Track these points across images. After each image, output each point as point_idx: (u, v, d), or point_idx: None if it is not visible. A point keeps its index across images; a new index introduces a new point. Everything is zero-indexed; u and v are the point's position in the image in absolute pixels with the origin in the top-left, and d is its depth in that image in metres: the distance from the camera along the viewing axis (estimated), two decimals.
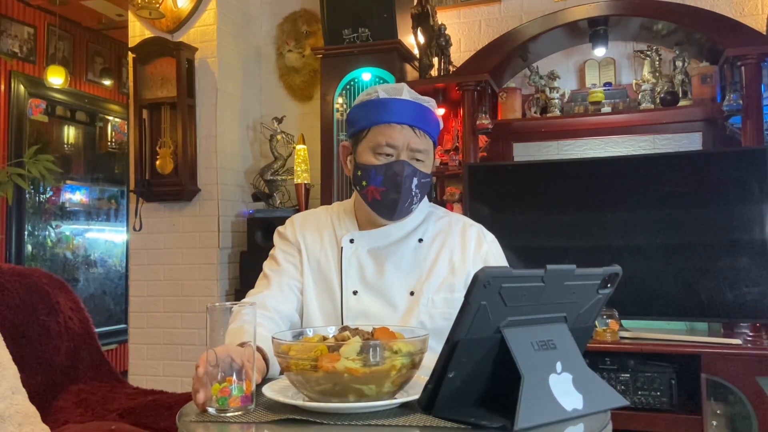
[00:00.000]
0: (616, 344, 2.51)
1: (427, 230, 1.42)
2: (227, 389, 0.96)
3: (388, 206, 1.33)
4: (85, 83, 5.32)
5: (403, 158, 1.31)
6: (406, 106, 1.32)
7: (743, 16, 2.98)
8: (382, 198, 1.32)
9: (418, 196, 1.35)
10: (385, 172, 1.31)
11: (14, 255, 4.60)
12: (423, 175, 1.34)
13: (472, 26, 3.44)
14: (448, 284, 1.35)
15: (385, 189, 1.31)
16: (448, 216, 1.47)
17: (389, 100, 1.32)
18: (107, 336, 4.87)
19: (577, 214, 2.77)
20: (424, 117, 1.33)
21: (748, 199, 2.53)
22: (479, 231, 1.44)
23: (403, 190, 1.31)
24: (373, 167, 1.32)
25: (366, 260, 1.38)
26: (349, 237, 1.39)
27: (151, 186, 3.44)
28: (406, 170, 1.30)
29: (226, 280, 3.48)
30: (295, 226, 1.46)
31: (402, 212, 1.35)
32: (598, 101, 3.00)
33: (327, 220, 1.46)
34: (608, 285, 1.01)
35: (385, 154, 1.31)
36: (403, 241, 1.40)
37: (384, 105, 1.32)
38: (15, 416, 1.30)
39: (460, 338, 0.87)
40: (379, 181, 1.31)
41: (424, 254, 1.39)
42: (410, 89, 1.36)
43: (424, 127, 1.33)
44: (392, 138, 1.30)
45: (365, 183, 1.34)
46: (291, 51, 3.71)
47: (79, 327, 2.08)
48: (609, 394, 0.97)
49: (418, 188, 1.33)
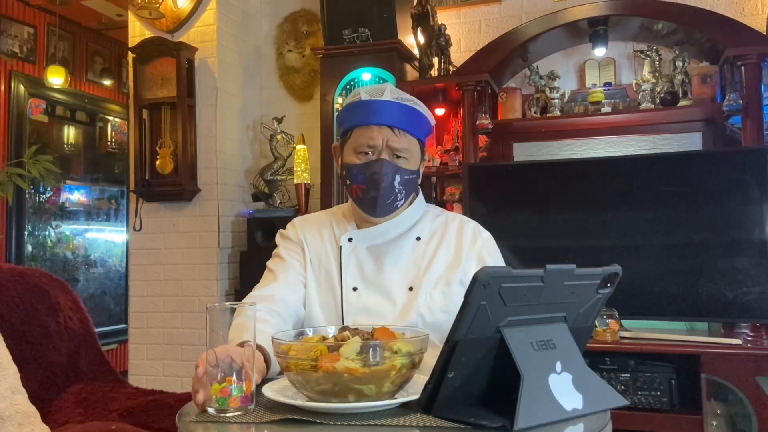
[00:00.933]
0: (616, 344, 2.51)
1: (425, 229, 1.46)
2: (227, 389, 0.96)
3: (369, 203, 1.38)
4: (85, 83, 5.32)
5: (384, 157, 1.35)
6: (387, 107, 1.36)
7: (743, 16, 2.98)
8: (364, 195, 1.38)
9: (403, 192, 1.39)
10: (365, 170, 1.36)
11: (14, 255, 4.60)
12: (407, 172, 1.38)
13: (472, 26, 3.44)
14: (446, 279, 1.38)
15: (366, 187, 1.37)
16: (444, 214, 1.51)
17: (370, 102, 1.36)
18: (107, 336, 4.87)
19: (577, 214, 2.77)
20: (406, 116, 1.37)
21: (748, 199, 2.53)
22: (474, 227, 1.48)
23: (382, 188, 1.35)
24: (354, 167, 1.38)
25: (365, 257, 1.42)
26: (348, 236, 1.44)
27: (151, 186, 3.44)
28: (384, 168, 1.35)
29: (226, 280, 3.48)
30: (296, 227, 1.51)
31: (385, 208, 1.39)
32: (598, 101, 3.00)
33: (327, 221, 1.51)
34: (608, 285, 1.01)
35: (364, 153, 1.37)
36: (401, 239, 1.43)
37: (364, 107, 1.37)
38: (15, 416, 1.30)
39: (460, 338, 0.87)
40: (360, 180, 1.37)
41: (421, 252, 1.42)
42: (394, 89, 1.40)
43: (405, 127, 1.37)
44: (371, 138, 1.35)
45: (349, 182, 1.40)
46: (291, 51, 3.71)
47: (79, 327, 2.08)
48: (609, 394, 0.97)
49: (401, 185, 1.38)
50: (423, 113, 1.41)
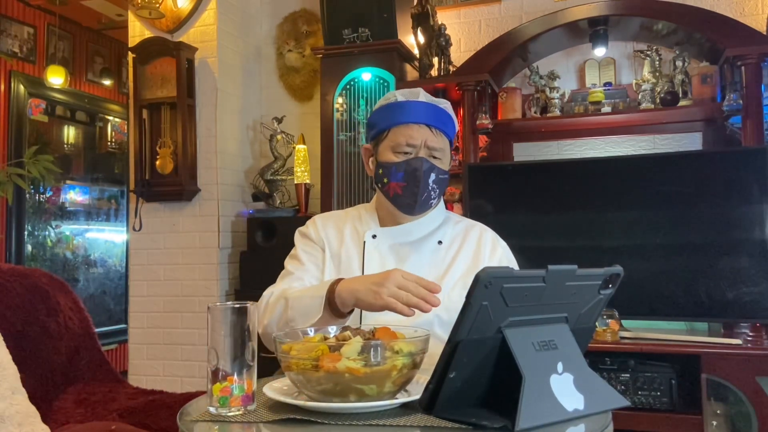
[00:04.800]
0: (616, 344, 2.51)
1: (446, 233, 1.49)
2: (228, 389, 0.96)
3: (408, 200, 1.41)
4: (85, 83, 5.31)
5: (422, 155, 1.39)
6: (423, 108, 1.41)
7: (743, 16, 2.98)
8: (403, 192, 1.41)
9: (436, 191, 1.43)
10: (405, 168, 1.40)
11: (14, 255, 4.60)
12: (440, 171, 1.43)
13: (472, 26, 3.44)
14: (464, 282, 1.40)
15: (406, 184, 1.40)
16: (464, 221, 1.55)
17: (407, 103, 1.42)
18: (107, 336, 4.87)
19: (578, 214, 2.77)
20: (440, 117, 1.42)
21: (748, 199, 2.53)
22: (493, 236, 1.52)
23: (421, 185, 1.39)
24: (393, 164, 1.41)
25: (387, 255, 1.44)
26: (372, 233, 1.47)
27: (151, 186, 3.44)
28: (424, 165, 1.39)
29: (226, 280, 3.47)
30: (317, 225, 1.54)
31: (421, 206, 1.42)
32: (598, 101, 3.00)
33: (347, 219, 1.53)
34: (609, 285, 1.01)
35: (404, 152, 1.41)
36: (423, 241, 1.46)
37: (402, 107, 1.42)
38: (15, 416, 1.30)
39: (462, 338, 0.87)
40: (400, 177, 1.40)
41: (442, 256, 1.45)
42: (426, 93, 1.45)
43: (440, 126, 1.42)
44: (411, 137, 1.40)
45: (387, 180, 1.43)
46: (291, 51, 3.71)
47: (79, 327, 2.07)
48: (610, 395, 0.97)
49: (435, 183, 1.42)
50: (452, 116, 1.46)
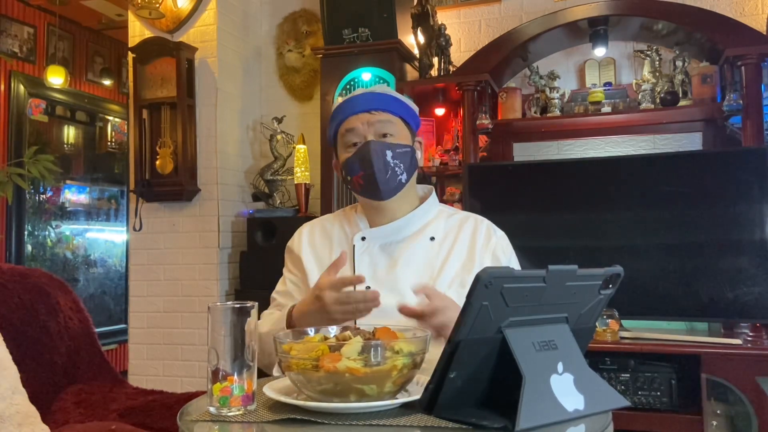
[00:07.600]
0: (616, 344, 2.51)
1: (438, 228, 1.45)
2: (228, 389, 0.96)
3: (371, 187, 1.39)
4: (85, 83, 5.31)
5: (370, 139, 1.39)
6: (358, 99, 1.43)
7: (743, 16, 2.98)
8: (365, 181, 1.39)
9: (401, 167, 1.39)
10: (357, 157, 1.39)
11: (14, 255, 4.60)
12: (397, 146, 1.39)
13: (472, 26, 3.44)
14: (460, 280, 1.37)
15: (363, 172, 1.38)
16: (458, 214, 1.51)
17: (343, 102, 1.45)
18: (107, 336, 4.86)
19: (578, 214, 2.77)
20: (377, 99, 1.42)
21: (748, 199, 2.53)
22: (489, 226, 1.49)
23: (376, 165, 1.36)
24: (348, 159, 1.40)
25: (378, 256, 1.41)
26: (361, 235, 1.44)
27: (151, 186, 3.43)
28: (372, 146, 1.37)
29: (226, 280, 3.47)
30: (302, 237, 1.52)
31: (387, 186, 1.38)
32: (598, 101, 3.00)
33: (335, 224, 1.51)
34: (610, 285, 1.01)
35: (353, 144, 1.40)
36: (415, 239, 1.43)
37: (340, 107, 1.45)
38: (15, 416, 1.30)
39: (462, 338, 0.87)
40: (356, 168, 1.39)
41: (435, 252, 1.41)
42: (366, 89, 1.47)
43: (380, 107, 1.41)
44: (351, 127, 1.40)
45: (350, 177, 1.41)
46: (291, 51, 3.71)
47: (79, 327, 2.07)
48: (610, 395, 0.97)
49: (396, 159, 1.38)
50: (394, 95, 1.44)
